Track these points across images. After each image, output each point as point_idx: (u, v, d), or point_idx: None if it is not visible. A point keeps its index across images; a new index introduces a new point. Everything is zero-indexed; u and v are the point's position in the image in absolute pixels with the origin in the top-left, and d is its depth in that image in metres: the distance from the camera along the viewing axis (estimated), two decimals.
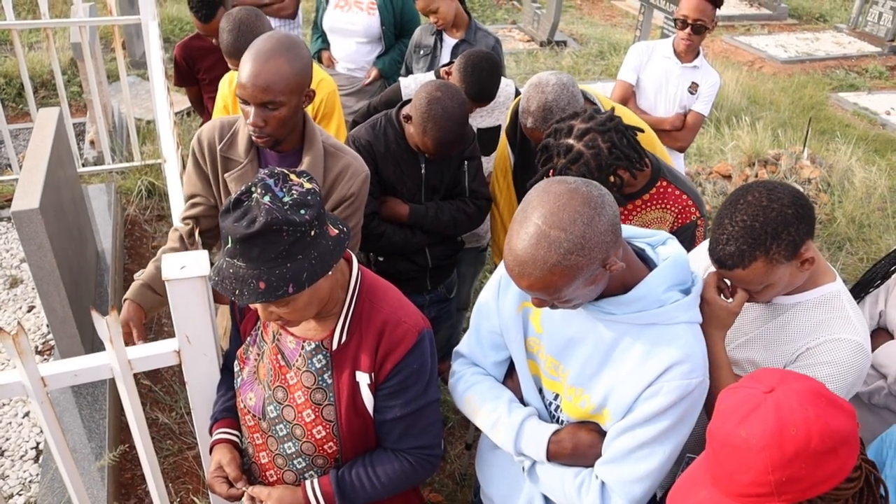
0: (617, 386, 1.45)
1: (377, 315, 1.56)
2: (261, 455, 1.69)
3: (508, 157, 2.67)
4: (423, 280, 2.69)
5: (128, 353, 1.75)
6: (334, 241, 1.43)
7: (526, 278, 1.32)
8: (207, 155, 2.14)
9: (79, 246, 3.35)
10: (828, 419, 1.10)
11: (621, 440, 1.46)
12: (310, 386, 1.57)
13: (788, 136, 6.07)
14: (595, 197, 1.31)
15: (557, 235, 1.28)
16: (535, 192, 1.35)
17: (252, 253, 1.33)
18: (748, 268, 1.55)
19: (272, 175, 1.39)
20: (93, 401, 3.03)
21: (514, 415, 1.61)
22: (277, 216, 1.31)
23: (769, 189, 1.56)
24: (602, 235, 1.30)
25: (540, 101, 2.30)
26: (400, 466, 1.64)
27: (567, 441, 1.54)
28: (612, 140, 1.93)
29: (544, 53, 8.16)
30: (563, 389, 1.56)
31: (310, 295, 1.43)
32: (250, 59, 1.89)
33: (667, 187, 2.17)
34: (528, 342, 1.63)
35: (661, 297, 1.44)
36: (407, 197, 2.52)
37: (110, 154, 4.94)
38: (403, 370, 1.55)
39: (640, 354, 1.43)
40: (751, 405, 1.14)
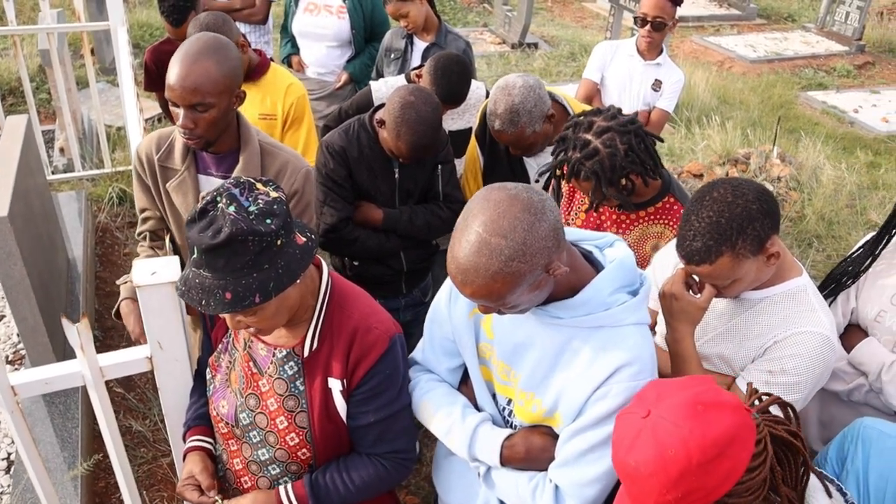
0: (567, 389, 1.46)
1: (348, 321, 1.56)
2: (235, 462, 1.69)
3: (478, 159, 2.70)
4: (398, 284, 2.70)
5: (99, 360, 1.75)
6: (301, 249, 1.42)
7: (469, 286, 1.32)
8: (147, 168, 2.16)
9: (49, 254, 3.32)
10: (704, 430, 1.13)
11: (573, 443, 1.46)
12: (282, 393, 1.58)
13: (758, 134, 6.15)
14: (535, 203, 1.31)
15: (498, 243, 1.28)
16: (475, 200, 1.34)
17: (218, 263, 1.33)
18: (715, 263, 1.57)
19: (238, 184, 1.39)
20: (65, 410, 3.00)
21: (468, 420, 1.61)
22: (243, 226, 1.31)
23: (734, 185, 1.59)
24: (543, 241, 1.30)
25: (507, 103, 2.33)
26: (374, 470, 1.65)
27: (520, 445, 1.55)
28: (630, 143, 1.93)
29: (516, 56, 8.21)
30: (514, 394, 1.57)
31: (278, 304, 1.43)
32: (178, 62, 1.90)
33: (673, 204, 2.17)
34: (480, 348, 1.63)
35: (607, 300, 1.44)
36: (381, 202, 2.53)
37: (80, 161, 4.89)
38: (376, 376, 1.56)
39: (589, 357, 1.44)
40: (633, 432, 1.18)
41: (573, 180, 2.02)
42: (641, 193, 2.12)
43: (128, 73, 3.81)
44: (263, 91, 2.80)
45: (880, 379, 1.87)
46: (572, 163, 1.97)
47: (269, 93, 2.80)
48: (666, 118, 3.57)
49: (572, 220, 2.30)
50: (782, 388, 1.66)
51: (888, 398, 1.87)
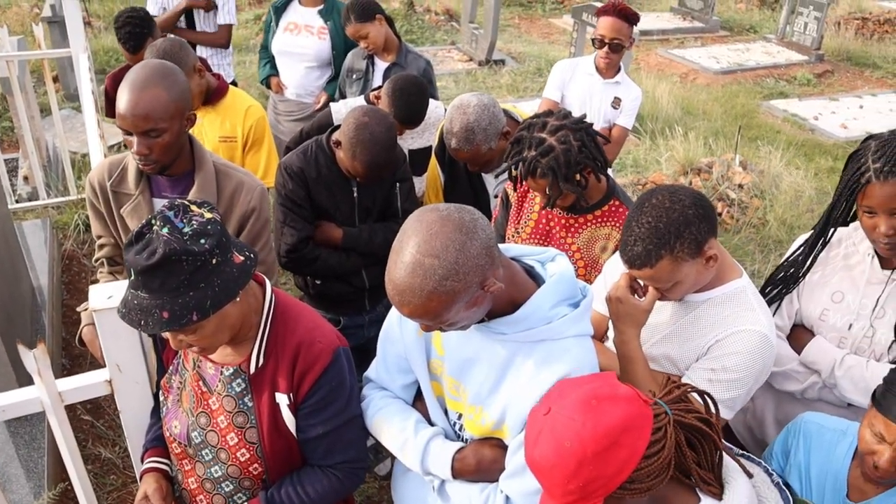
0: (512, 402, 1.49)
1: (291, 337, 1.60)
2: (189, 481, 1.70)
3: (439, 177, 2.75)
4: (361, 301, 2.73)
5: (58, 385, 1.76)
6: (239, 268, 1.45)
7: (406, 306, 1.34)
8: (100, 195, 2.18)
9: (11, 283, 3.30)
10: (596, 421, 1.19)
11: (520, 454, 1.47)
12: (231, 410, 1.60)
13: (721, 144, 6.26)
14: (467, 222, 1.34)
15: (431, 263, 1.30)
16: (409, 222, 1.37)
17: (154, 284, 1.36)
18: (655, 266, 1.63)
19: (172, 207, 1.43)
20: (30, 440, 2.97)
21: (421, 435, 1.63)
22: (175, 247, 1.34)
23: (671, 192, 1.65)
24: (475, 259, 1.33)
25: (462, 121, 2.38)
26: (328, 481, 1.68)
27: (471, 458, 1.57)
28: (582, 139, 2.00)
29: (483, 73, 8.32)
30: (464, 408, 1.60)
31: (217, 322, 1.46)
32: (127, 90, 1.94)
33: (619, 206, 2.24)
34: (432, 364, 1.66)
35: (548, 314, 1.47)
36: (341, 220, 2.56)
37: (45, 189, 4.86)
38: (322, 388, 1.59)
39: (532, 370, 1.47)
40: (537, 429, 1.25)
41: (529, 179, 2.08)
42: (590, 196, 2.19)
43: (89, 100, 3.82)
44: (223, 114, 2.83)
45: (833, 375, 1.93)
46: (528, 161, 2.02)
47: (228, 116, 2.83)
48: (626, 135, 3.66)
49: (522, 227, 2.36)
50: (724, 385, 1.72)
51: (843, 392, 1.93)
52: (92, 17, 8.75)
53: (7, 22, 7.96)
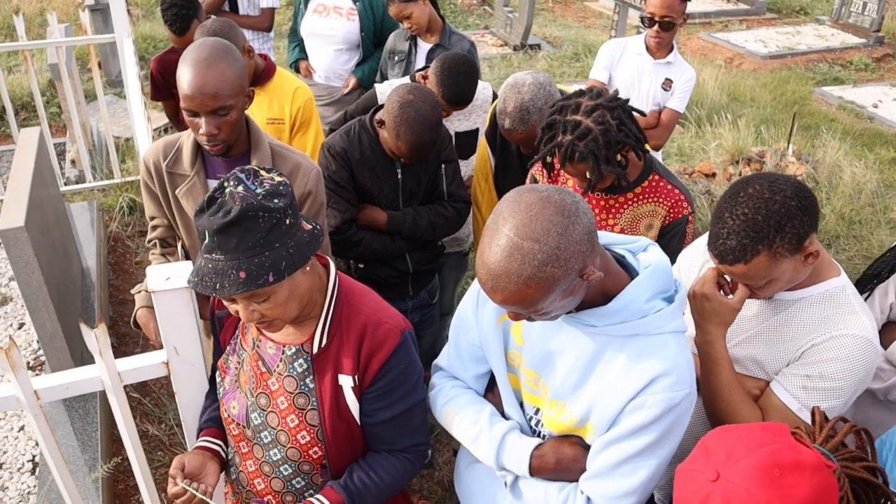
0: (599, 399, 1.42)
1: (357, 317, 1.57)
2: (247, 464, 1.70)
3: (489, 160, 2.70)
4: (404, 286, 2.72)
5: (117, 366, 1.80)
6: (309, 234, 1.45)
7: (500, 292, 1.28)
8: (154, 176, 2.18)
9: (64, 263, 3.38)
10: (783, 498, 1.03)
11: (605, 454, 1.42)
12: (292, 391, 1.59)
13: (772, 132, 6.00)
14: (569, 205, 1.27)
15: (531, 247, 1.24)
16: (505, 203, 1.31)
17: (230, 243, 1.34)
18: (750, 262, 1.51)
19: (243, 171, 1.43)
20: (84, 414, 3.06)
21: (496, 429, 1.57)
22: (252, 202, 1.34)
23: (771, 181, 1.52)
24: (577, 245, 1.26)
25: (517, 101, 2.32)
26: (400, 464, 1.66)
27: (550, 455, 1.51)
28: (620, 117, 1.92)
29: (518, 57, 8.22)
30: (543, 403, 1.53)
31: (289, 289, 1.44)
32: (191, 70, 1.91)
33: (659, 181, 2.17)
34: (509, 355, 1.59)
35: (643, 307, 1.39)
36: (384, 203, 2.55)
37: (91, 172, 4.97)
38: (390, 371, 1.57)
39: (623, 366, 1.40)
40: (701, 496, 1.09)
41: (567, 165, 2.01)
42: (629, 174, 2.11)
43: (135, 84, 3.87)
44: (270, 95, 2.83)
45: None
46: (565, 146, 1.95)
47: (276, 97, 2.83)
48: (677, 118, 3.50)
49: None
50: (821, 394, 1.60)
51: None
52: (130, 5, 8.85)
53: (54, 10, 8.09)
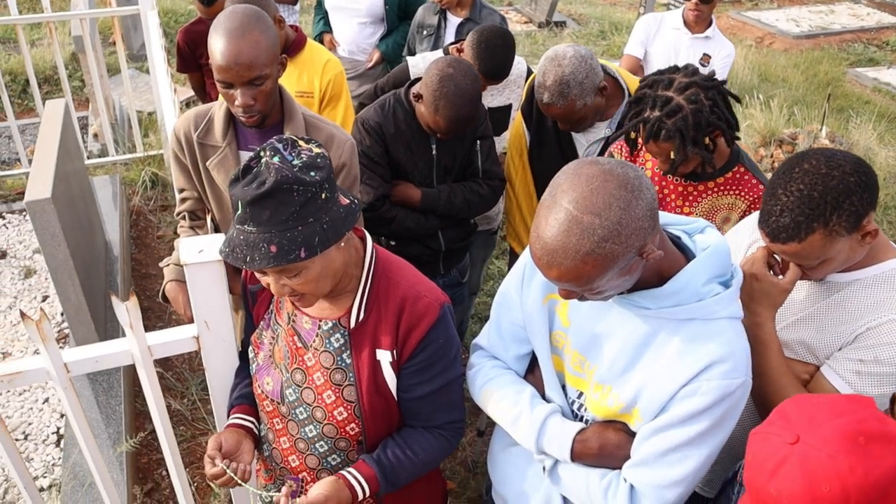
0: (649, 384, 1.37)
1: (395, 291, 1.53)
2: (281, 440, 1.67)
3: (524, 136, 2.62)
4: (436, 264, 2.67)
5: (147, 340, 1.76)
6: (346, 209, 1.40)
7: (555, 268, 1.23)
8: (185, 147, 2.13)
9: (89, 236, 3.36)
10: (867, 467, 0.98)
11: (653, 442, 1.37)
12: (329, 366, 1.55)
13: (804, 114, 5.88)
14: (632, 179, 1.21)
15: (591, 221, 1.19)
16: (564, 175, 1.25)
17: (262, 215, 1.30)
18: (805, 241, 1.44)
19: (280, 140, 1.38)
20: (108, 387, 3.05)
21: (537, 411, 1.52)
22: (287, 174, 1.29)
23: (828, 156, 1.44)
24: (640, 221, 1.20)
25: (557, 74, 2.25)
26: (436, 441, 1.62)
27: (593, 441, 1.47)
28: (714, 98, 1.84)
29: (543, 35, 8.11)
30: (588, 387, 1.49)
31: (322, 265, 1.40)
32: (224, 40, 1.85)
33: (744, 174, 2.07)
34: (554, 336, 1.54)
35: (700, 291, 1.34)
36: (418, 179, 2.49)
37: (114, 146, 4.95)
38: (429, 346, 1.53)
39: (676, 351, 1.35)
40: (777, 459, 1.04)
41: (650, 142, 1.93)
42: (715, 160, 2.01)
43: (160, 56, 3.82)
44: (300, 68, 2.77)
45: None
46: (652, 122, 1.86)
47: (305, 69, 2.77)
48: None
49: None
50: (875, 379, 1.53)
51: None
52: None
53: None
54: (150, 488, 2.93)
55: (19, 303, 3.69)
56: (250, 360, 1.71)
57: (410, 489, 1.71)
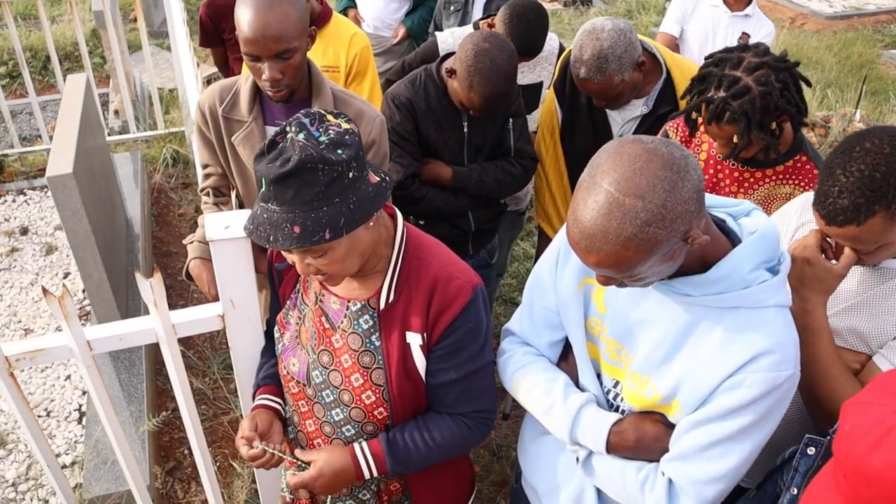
0: (690, 375, 1.31)
1: (427, 271, 1.47)
2: (307, 423, 1.63)
3: (556, 114, 2.53)
4: (465, 244, 2.60)
5: (172, 318, 1.72)
6: (375, 188, 1.33)
7: (595, 254, 1.17)
8: (210, 121, 2.07)
9: (110, 213, 3.33)
10: None
11: (693, 435, 1.32)
12: (357, 349, 1.50)
13: (837, 97, 5.74)
14: (677, 159, 1.14)
15: (633, 204, 1.12)
16: (605, 154, 1.18)
17: (286, 195, 1.25)
18: (864, 224, 1.37)
19: (308, 115, 1.31)
20: (130, 365, 3.03)
21: (571, 401, 1.47)
22: (312, 153, 1.23)
23: (891, 135, 1.37)
24: (685, 204, 1.13)
25: (595, 48, 2.16)
26: (457, 429, 1.57)
27: (630, 432, 1.41)
28: (785, 81, 1.75)
29: (569, 14, 7.96)
30: (625, 376, 1.43)
31: (348, 245, 1.34)
32: (251, 12, 1.80)
33: (805, 163, 1.95)
34: (589, 322, 1.48)
35: (747, 277, 1.27)
36: (449, 157, 2.42)
37: (134, 123, 4.92)
38: (458, 329, 1.46)
39: (721, 341, 1.28)
40: (882, 429, 0.98)
41: (712, 124, 1.84)
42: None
43: (182, 31, 3.78)
44: (326, 41, 2.70)
45: None
46: (716, 103, 1.77)
47: (331, 43, 2.70)
48: None
49: None
50: None
51: None
52: None
53: None
54: (172, 467, 2.91)
55: (41, 279, 3.68)
56: (276, 341, 1.67)
57: (438, 473, 1.67)
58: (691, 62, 2.57)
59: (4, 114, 4.67)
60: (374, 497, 1.69)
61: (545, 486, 1.65)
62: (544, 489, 1.65)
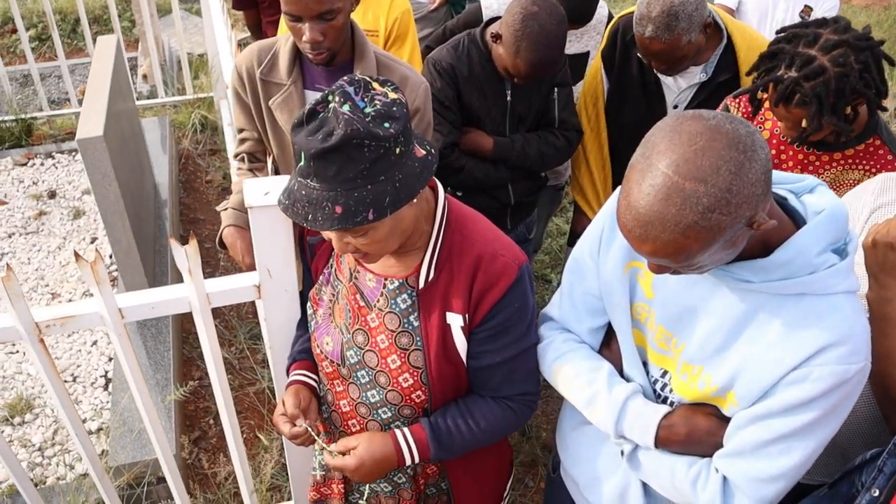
0: (749, 367, 1.22)
1: (470, 248, 1.37)
2: (341, 403, 1.55)
3: (602, 84, 2.41)
4: (503, 218, 2.51)
5: (206, 287, 1.65)
6: (421, 162, 1.24)
7: (650, 242, 1.07)
8: (247, 84, 1.98)
9: (139, 178, 3.28)
10: None
11: (752, 430, 1.23)
12: (394, 329, 1.42)
13: (889, 74, 5.57)
14: (743, 136, 1.03)
15: (694, 189, 1.02)
16: (661, 132, 1.07)
17: (328, 171, 1.15)
18: None
19: (352, 83, 1.21)
20: (157, 332, 2.99)
21: (616, 392, 1.38)
22: (358, 128, 1.13)
23: None
24: (752, 187, 1.03)
25: (664, 4, 2.02)
26: (501, 412, 1.49)
27: (681, 426, 1.32)
28: (866, 61, 1.61)
29: None
30: (675, 366, 1.34)
31: (391, 224, 1.25)
32: None
33: (879, 147, 1.82)
34: (635, 308, 1.38)
35: (813, 262, 1.17)
36: (491, 127, 2.32)
37: (163, 87, 4.85)
38: (503, 310, 1.38)
39: (784, 331, 1.19)
40: None
41: (780, 105, 1.71)
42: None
43: None
44: (366, 5, 2.59)
45: None
46: (786, 83, 1.64)
47: (371, 6, 2.59)
48: None
49: None
50: None
51: None
52: None
53: None
54: (197, 436, 2.89)
55: (68, 244, 3.65)
56: (309, 318, 1.59)
57: (477, 455, 1.60)
58: (753, 29, 2.42)
59: (34, 76, 4.63)
60: (409, 480, 1.63)
61: (586, 478, 1.57)
62: (585, 481, 1.57)
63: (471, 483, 1.67)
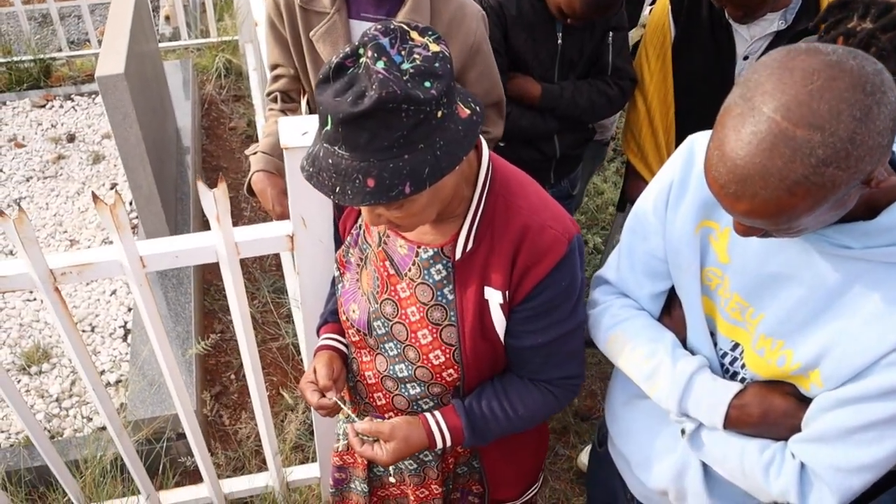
0: (840, 344, 1.09)
1: (515, 217, 1.21)
2: (367, 375, 1.43)
3: (669, 30, 2.19)
4: (546, 172, 2.34)
5: (235, 235, 1.52)
6: (466, 125, 1.06)
7: (747, 200, 0.92)
8: (285, 13, 1.80)
9: (161, 121, 3.14)
10: None
11: (840, 414, 1.10)
12: (426, 302, 1.27)
13: None
14: (870, 75, 0.87)
15: (808, 137, 0.86)
16: (766, 69, 0.92)
17: (359, 139, 0.99)
18: None
19: (387, 32, 1.02)
20: (178, 283, 2.89)
21: (681, 366, 1.26)
22: (395, 90, 0.96)
23: None
24: (878, 137, 0.87)
25: None
26: (541, 397, 1.35)
27: (754, 406, 1.20)
28: None
29: None
30: (749, 339, 1.21)
31: (430, 195, 1.10)
32: None
33: None
34: (706, 273, 1.25)
35: None
36: (539, 72, 2.15)
37: (186, 30, 4.68)
38: (549, 288, 1.22)
39: (886, 305, 1.05)
40: None
41: None
42: None
43: None
44: None
45: None
46: (859, 36, 1.46)
47: None
48: None
49: None
50: None
51: None
52: None
53: None
54: (218, 392, 2.80)
55: (87, 188, 3.53)
56: (335, 281, 1.44)
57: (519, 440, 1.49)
58: None
59: (53, 16, 4.47)
60: (437, 459, 1.51)
61: (639, 456, 1.45)
62: (637, 459, 1.45)
63: (505, 465, 1.55)
